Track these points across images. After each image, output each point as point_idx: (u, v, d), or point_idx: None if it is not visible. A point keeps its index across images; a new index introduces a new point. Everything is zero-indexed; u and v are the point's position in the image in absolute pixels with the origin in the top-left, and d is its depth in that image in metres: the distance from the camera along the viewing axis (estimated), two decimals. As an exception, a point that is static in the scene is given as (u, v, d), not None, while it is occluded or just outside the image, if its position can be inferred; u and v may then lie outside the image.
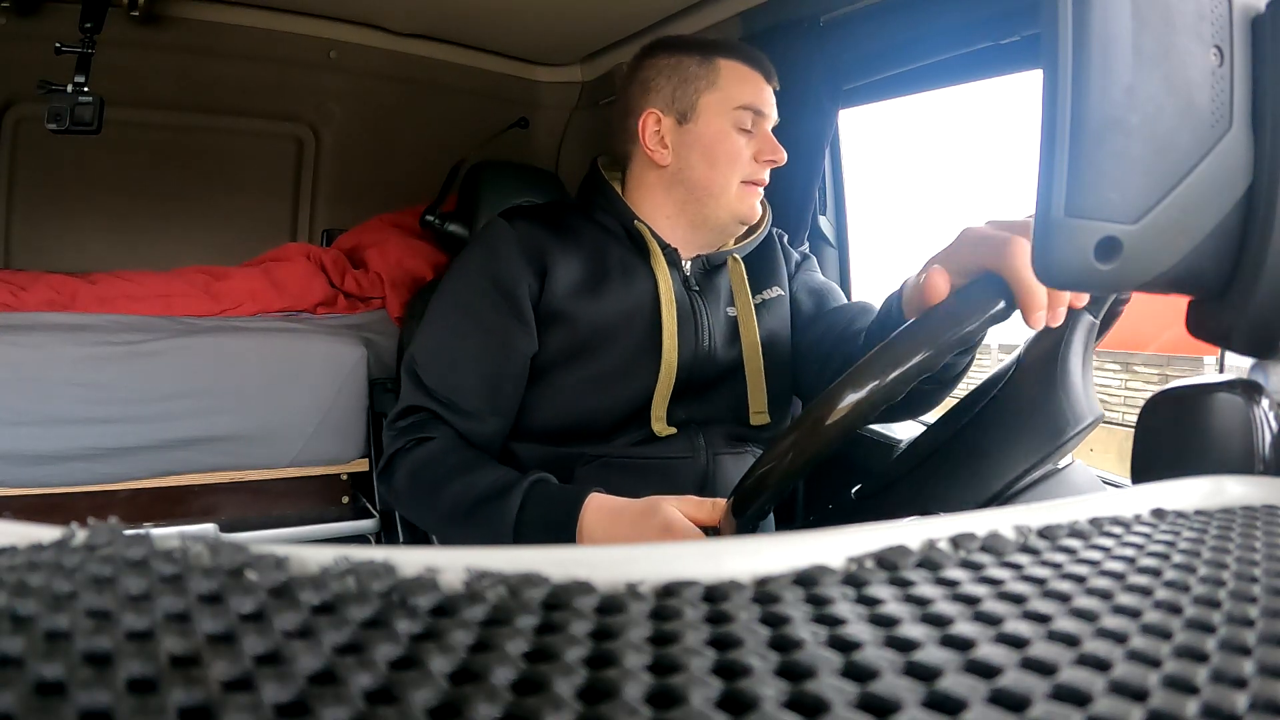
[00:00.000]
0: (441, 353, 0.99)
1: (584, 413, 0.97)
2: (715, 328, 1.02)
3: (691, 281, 1.03)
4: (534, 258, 0.98)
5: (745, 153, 1.00)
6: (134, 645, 0.12)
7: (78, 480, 1.47)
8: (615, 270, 1.00)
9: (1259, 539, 0.25)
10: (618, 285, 0.99)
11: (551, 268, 0.98)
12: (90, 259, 1.89)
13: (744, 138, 1.00)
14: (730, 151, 1.00)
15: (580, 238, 1.01)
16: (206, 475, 1.58)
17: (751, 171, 1.01)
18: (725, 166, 1.00)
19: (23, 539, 0.17)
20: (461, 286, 1.01)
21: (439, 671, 0.13)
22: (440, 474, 0.92)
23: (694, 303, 1.02)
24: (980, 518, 0.26)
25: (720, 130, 1.00)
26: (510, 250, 0.98)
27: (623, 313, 0.98)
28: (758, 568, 0.20)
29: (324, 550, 0.18)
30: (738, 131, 0.99)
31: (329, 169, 2.12)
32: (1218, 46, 0.36)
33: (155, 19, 1.77)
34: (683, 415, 0.99)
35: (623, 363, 0.97)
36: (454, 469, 0.92)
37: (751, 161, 1.01)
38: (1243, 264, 0.38)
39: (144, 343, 1.51)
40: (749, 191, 1.01)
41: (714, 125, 1.00)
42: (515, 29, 1.87)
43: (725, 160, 1.00)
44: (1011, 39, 1.11)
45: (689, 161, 1.01)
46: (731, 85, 1.00)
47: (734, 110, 0.99)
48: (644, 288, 1.00)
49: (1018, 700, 0.14)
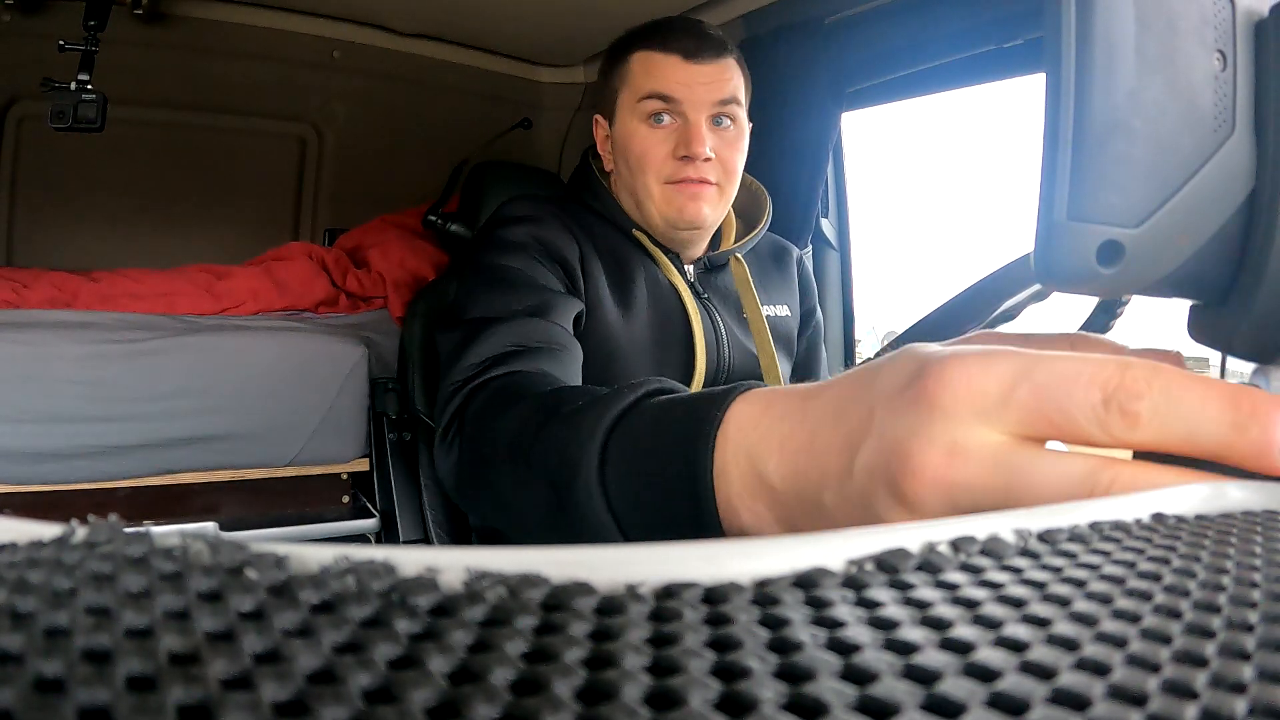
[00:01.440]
0: (500, 293, 0.81)
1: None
2: (730, 337, 0.97)
3: (698, 286, 0.98)
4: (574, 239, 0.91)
5: (658, 150, 0.90)
6: (133, 643, 0.12)
7: (79, 478, 1.48)
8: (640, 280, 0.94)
9: (1259, 544, 0.25)
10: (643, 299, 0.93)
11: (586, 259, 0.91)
12: (92, 257, 1.89)
13: (658, 133, 0.90)
14: (639, 152, 0.91)
15: (599, 236, 0.95)
16: (207, 474, 1.58)
17: (672, 170, 0.90)
18: (639, 169, 0.91)
19: (23, 536, 0.17)
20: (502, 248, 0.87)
21: (438, 671, 0.13)
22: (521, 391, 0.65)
23: (708, 310, 0.97)
24: (980, 521, 0.26)
25: (629, 129, 0.92)
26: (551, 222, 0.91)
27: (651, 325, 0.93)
28: (757, 570, 0.20)
29: (324, 549, 0.18)
30: (648, 127, 0.90)
31: (332, 169, 2.12)
32: (1221, 51, 0.36)
33: (159, 17, 1.77)
34: None
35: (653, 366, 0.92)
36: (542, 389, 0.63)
37: (670, 159, 0.90)
38: (1245, 269, 0.38)
39: (146, 341, 1.51)
40: (675, 192, 0.90)
41: (626, 125, 0.92)
42: (518, 29, 1.87)
43: (637, 162, 0.92)
44: (1014, 43, 1.11)
45: (620, 166, 0.95)
46: (637, 77, 0.91)
47: (638, 104, 0.90)
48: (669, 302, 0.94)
49: (1017, 704, 0.14)
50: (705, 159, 0.89)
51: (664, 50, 0.89)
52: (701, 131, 0.88)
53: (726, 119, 0.91)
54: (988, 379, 0.23)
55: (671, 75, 0.88)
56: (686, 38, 0.89)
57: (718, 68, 0.90)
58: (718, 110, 0.90)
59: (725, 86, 0.90)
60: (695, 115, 0.88)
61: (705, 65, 0.89)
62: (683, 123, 0.89)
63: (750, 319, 0.98)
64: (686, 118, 0.89)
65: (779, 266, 1.08)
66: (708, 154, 0.89)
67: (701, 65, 0.89)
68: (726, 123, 0.91)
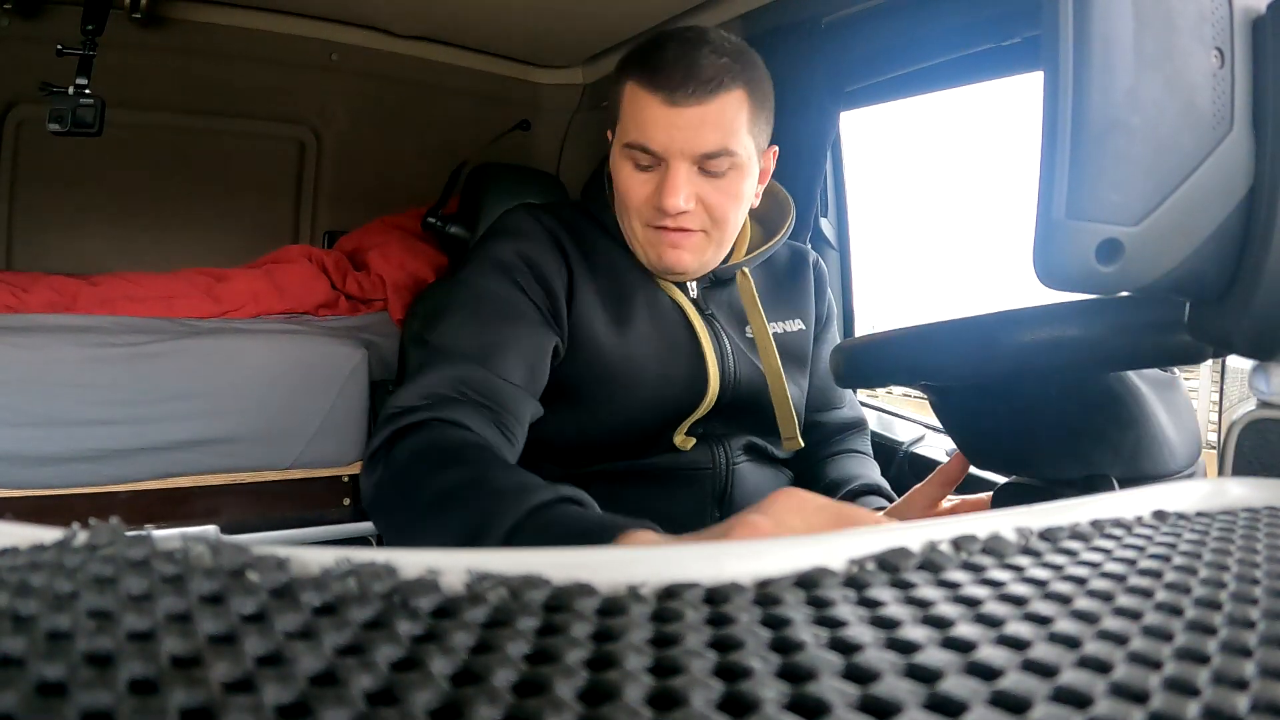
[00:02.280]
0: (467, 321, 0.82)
1: (608, 435, 0.90)
2: (738, 355, 0.93)
3: (702, 303, 0.94)
4: (563, 260, 0.88)
5: (640, 192, 0.85)
6: (135, 646, 0.12)
7: (79, 482, 1.47)
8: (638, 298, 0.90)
9: (1260, 541, 0.25)
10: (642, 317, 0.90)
11: (577, 279, 0.88)
12: (92, 260, 1.89)
13: (640, 176, 0.85)
14: (622, 191, 0.86)
15: (597, 253, 0.92)
16: (208, 477, 1.58)
17: (651, 216, 0.85)
18: (623, 208, 0.87)
19: (24, 540, 0.17)
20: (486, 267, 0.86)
21: (440, 673, 0.13)
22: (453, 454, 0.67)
23: (713, 328, 0.93)
24: (981, 519, 0.26)
25: (617, 164, 0.87)
26: (542, 241, 0.88)
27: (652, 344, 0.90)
28: (759, 570, 0.20)
29: (325, 551, 0.18)
30: (632, 168, 0.85)
31: (330, 171, 2.12)
32: (1219, 48, 0.36)
33: (157, 21, 1.77)
34: (701, 430, 0.92)
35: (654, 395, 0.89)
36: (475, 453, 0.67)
37: (649, 204, 0.85)
38: (1244, 266, 0.38)
39: (145, 344, 1.51)
40: (656, 238, 0.86)
41: (615, 157, 0.87)
42: (516, 31, 1.88)
43: (621, 200, 0.87)
44: (1013, 41, 1.11)
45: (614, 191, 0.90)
46: (625, 116, 0.85)
47: (623, 147, 0.85)
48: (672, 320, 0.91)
49: (1019, 702, 0.14)
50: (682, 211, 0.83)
51: (650, 88, 0.81)
52: (678, 183, 0.82)
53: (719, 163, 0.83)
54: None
55: (652, 121, 0.81)
56: (675, 71, 0.80)
57: (707, 110, 0.80)
58: (702, 162, 0.83)
59: (712, 136, 0.81)
60: (675, 163, 0.82)
61: (691, 109, 0.80)
62: (665, 167, 0.83)
63: (756, 336, 0.93)
64: (667, 165, 0.83)
65: (795, 275, 1.03)
66: (683, 207, 0.83)
67: (686, 110, 0.80)
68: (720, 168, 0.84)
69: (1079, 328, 0.58)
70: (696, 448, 0.92)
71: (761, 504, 0.44)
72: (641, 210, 0.86)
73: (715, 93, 0.80)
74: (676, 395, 0.90)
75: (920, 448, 1.31)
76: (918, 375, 0.76)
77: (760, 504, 0.44)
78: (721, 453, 0.93)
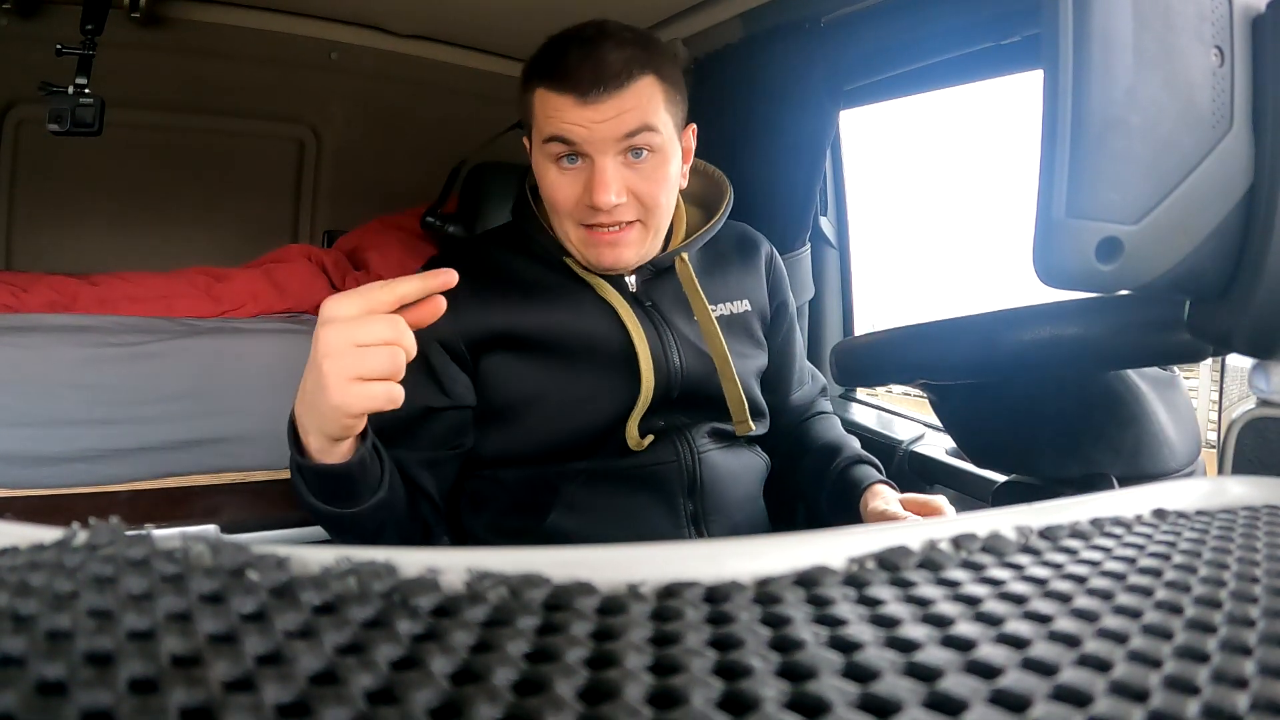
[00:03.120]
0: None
1: (560, 436, 0.90)
2: (681, 342, 0.93)
3: (642, 296, 0.94)
4: (471, 306, 0.87)
5: (567, 193, 0.85)
6: (135, 645, 0.12)
7: (79, 481, 1.47)
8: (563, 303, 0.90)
9: (1260, 539, 0.25)
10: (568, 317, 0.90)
11: (493, 315, 0.88)
12: (91, 260, 1.89)
13: (566, 176, 0.85)
14: (550, 194, 0.86)
15: (518, 276, 0.91)
16: (208, 476, 1.58)
17: (583, 215, 0.85)
18: (553, 210, 0.88)
19: (24, 540, 0.17)
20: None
21: (440, 672, 0.13)
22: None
23: (653, 320, 0.93)
24: (981, 518, 0.26)
25: (541, 169, 0.87)
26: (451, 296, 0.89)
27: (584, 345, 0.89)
28: (759, 568, 0.20)
29: (325, 551, 0.18)
30: (557, 170, 0.85)
31: (330, 170, 2.12)
32: (1218, 47, 0.36)
33: (156, 20, 1.77)
34: (660, 423, 0.92)
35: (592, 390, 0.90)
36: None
37: (581, 204, 0.84)
38: (1243, 265, 0.38)
39: (145, 344, 1.51)
40: (594, 239, 0.86)
41: (539, 163, 0.87)
42: (516, 30, 1.87)
43: (550, 204, 0.87)
44: (1012, 39, 1.11)
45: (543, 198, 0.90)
46: (539, 118, 0.85)
47: (544, 145, 0.85)
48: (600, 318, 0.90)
49: (1019, 701, 0.14)
50: (616, 205, 0.84)
51: (559, 90, 0.82)
52: (607, 177, 0.82)
53: (642, 149, 0.84)
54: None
55: (568, 118, 0.82)
56: (582, 71, 0.81)
57: (620, 100, 0.81)
58: (627, 145, 0.83)
59: (629, 119, 0.82)
60: (600, 158, 0.82)
61: (604, 103, 0.81)
62: (590, 164, 0.83)
63: (700, 321, 0.94)
64: (592, 160, 0.83)
65: (743, 257, 1.03)
66: (614, 200, 0.83)
67: (599, 104, 0.81)
68: (643, 153, 0.84)
69: (1079, 326, 0.58)
70: (658, 444, 0.92)
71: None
72: (574, 212, 0.86)
73: (625, 84, 0.82)
74: (612, 395, 0.90)
75: (920, 446, 1.31)
76: (917, 374, 0.76)
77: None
78: (685, 445, 0.93)
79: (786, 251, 1.43)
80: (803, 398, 1.11)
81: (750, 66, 1.40)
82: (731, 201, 1.00)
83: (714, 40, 1.49)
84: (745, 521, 0.97)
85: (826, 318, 1.62)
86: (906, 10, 1.21)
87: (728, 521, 0.95)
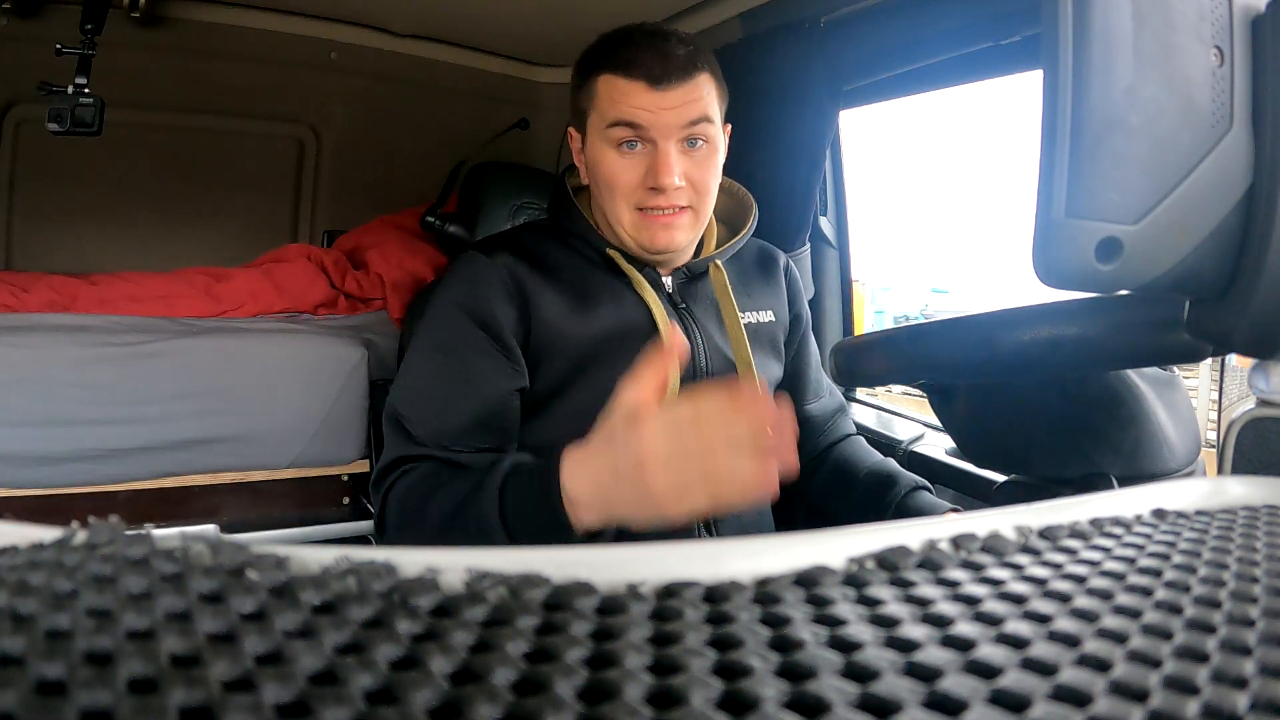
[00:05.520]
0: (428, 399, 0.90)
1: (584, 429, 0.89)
2: (709, 345, 0.96)
3: (677, 298, 0.97)
4: (515, 292, 0.91)
5: (628, 177, 0.89)
6: (135, 645, 0.12)
7: (79, 481, 1.48)
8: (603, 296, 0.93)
9: (1260, 539, 0.25)
10: (607, 310, 0.93)
11: (535, 301, 0.91)
12: (91, 260, 1.89)
13: (627, 160, 0.88)
14: (609, 176, 0.89)
15: (559, 267, 0.95)
16: (207, 476, 1.58)
17: (641, 199, 0.89)
18: (610, 193, 0.90)
19: (24, 539, 0.17)
20: (441, 325, 0.92)
21: (440, 672, 0.13)
22: (426, 489, 0.82)
23: (685, 322, 0.96)
24: (981, 518, 0.26)
25: (599, 153, 0.90)
26: (490, 286, 0.91)
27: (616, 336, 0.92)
28: (758, 568, 0.20)
29: (325, 550, 0.18)
30: (617, 153, 0.88)
31: (330, 170, 2.12)
32: (1218, 47, 0.36)
33: (156, 20, 1.77)
34: None
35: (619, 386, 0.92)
36: (442, 482, 0.82)
37: (640, 187, 0.88)
38: (1243, 264, 0.38)
39: (145, 344, 1.51)
40: (648, 221, 0.90)
41: (596, 148, 0.90)
42: (515, 30, 1.87)
43: (607, 187, 0.90)
44: (1012, 39, 1.11)
45: (593, 185, 0.94)
46: (603, 103, 0.89)
47: (607, 130, 0.88)
48: (636, 313, 0.93)
49: (1018, 701, 0.14)
50: (676, 188, 0.88)
51: (628, 76, 0.86)
52: (670, 161, 0.87)
53: (699, 139, 0.89)
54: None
55: (637, 103, 0.86)
56: (652, 61, 0.86)
57: (686, 89, 0.87)
58: (688, 133, 0.88)
59: (694, 108, 0.87)
60: (664, 143, 0.87)
61: (672, 90, 0.86)
62: (651, 149, 0.87)
63: (728, 326, 0.97)
64: (655, 144, 0.87)
65: (764, 272, 1.07)
66: (677, 183, 0.87)
67: (668, 91, 0.86)
68: (699, 143, 0.89)
69: (1078, 326, 0.58)
70: None
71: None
72: (632, 194, 0.89)
73: (690, 74, 0.87)
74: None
75: (920, 446, 1.31)
76: (917, 374, 0.76)
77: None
78: None
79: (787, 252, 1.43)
80: (820, 409, 1.10)
81: (750, 66, 1.40)
82: (757, 216, 1.04)
83: (714, 40, 1.49)
84: (754, 523, 0.99)
85: (826, 318, 1.62)
86: (906, 10, 1.21)
87: (738, 521, 0.96)
